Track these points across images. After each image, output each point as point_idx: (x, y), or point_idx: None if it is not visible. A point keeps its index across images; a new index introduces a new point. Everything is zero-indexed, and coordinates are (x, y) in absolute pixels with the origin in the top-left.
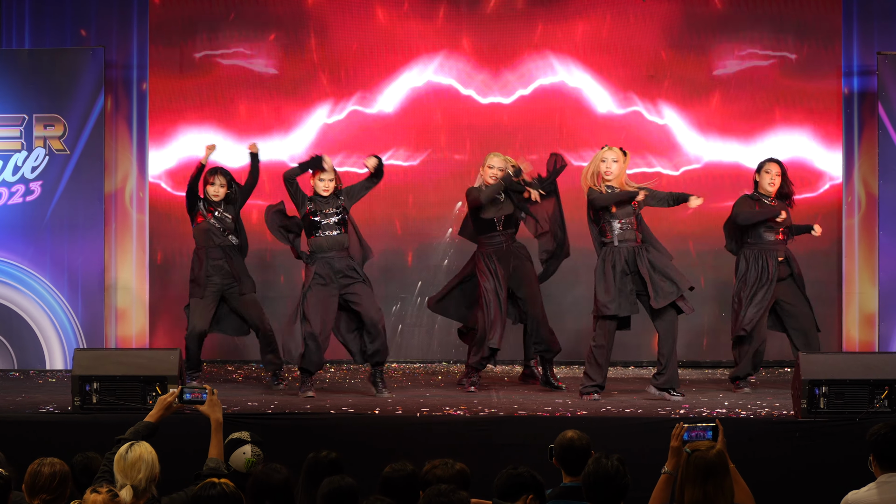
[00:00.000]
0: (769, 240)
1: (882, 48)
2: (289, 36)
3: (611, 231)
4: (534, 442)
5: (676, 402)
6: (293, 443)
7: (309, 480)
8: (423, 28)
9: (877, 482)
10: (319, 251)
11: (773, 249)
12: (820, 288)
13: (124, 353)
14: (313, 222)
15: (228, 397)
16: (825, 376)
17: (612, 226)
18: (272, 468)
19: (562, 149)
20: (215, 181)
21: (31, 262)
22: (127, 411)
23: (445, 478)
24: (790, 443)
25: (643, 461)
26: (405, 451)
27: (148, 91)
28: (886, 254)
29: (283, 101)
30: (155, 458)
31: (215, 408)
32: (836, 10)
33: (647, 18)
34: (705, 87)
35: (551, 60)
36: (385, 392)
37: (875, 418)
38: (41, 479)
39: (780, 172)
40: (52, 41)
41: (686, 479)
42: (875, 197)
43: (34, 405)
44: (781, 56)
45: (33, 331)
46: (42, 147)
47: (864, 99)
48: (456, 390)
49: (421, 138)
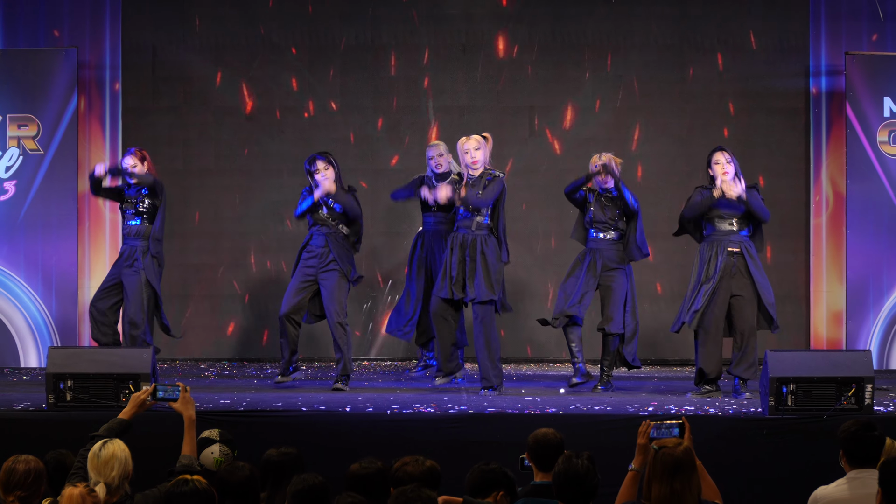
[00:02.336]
0: (721, 230)
1: (850, 48)
2: (258, 36)
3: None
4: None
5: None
6: (265, 440)
7: (270, 476)
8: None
9: (846, 478)
10: None
11: (725, 240)
12: (788, 286)
13: (98, 352)
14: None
15: (201, 395)
16: (793, 374)
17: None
18: (235, 466)
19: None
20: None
21: (5, 261)
22: (100, 408)
23: (416, 475)
24: (758, 440)
25: (611, 458)
26: (376, 449)
27: (121, 91)
28: (854, 252)
29: (253, 98)
30: (128, 456)
31: (188, 405)
32: (805, 11)
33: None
34: (673, 84)
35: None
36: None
37: (842, 415)
38: (16, 476)
39: (729, 159)
40: (25, 41)
41: (653, 476)
42: (843, 196)
43: (8, 402)
44: (750, 55)
45: (7, 329)
46: (16, 147)
47: (832, 99)
48: (427, 388)
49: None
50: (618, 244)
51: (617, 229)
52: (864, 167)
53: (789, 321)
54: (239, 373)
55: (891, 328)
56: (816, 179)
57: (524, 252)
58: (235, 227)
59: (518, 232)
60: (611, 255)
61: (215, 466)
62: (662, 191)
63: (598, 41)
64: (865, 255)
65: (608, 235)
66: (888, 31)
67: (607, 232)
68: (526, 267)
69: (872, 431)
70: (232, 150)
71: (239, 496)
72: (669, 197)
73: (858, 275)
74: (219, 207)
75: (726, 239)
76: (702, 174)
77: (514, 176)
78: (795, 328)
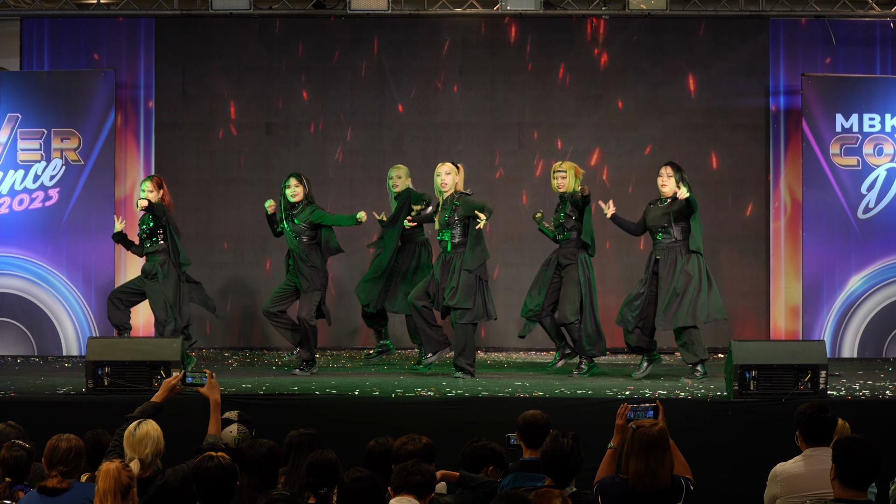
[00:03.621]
0: (655, 240)
1: (805, 70)
2: (277, 58)
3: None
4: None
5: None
6: (282, 421)
7: (291, 453)
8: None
9: (802, 455)
10: None
11: (656, 249)
12: (750, 283)
13: (132, 341)
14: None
15: (225, 380)
16: (755, 361)
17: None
18: (257, 443)
19: None
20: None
21: (50, 261)
22: (135, 392)
23: (415, 451)
24: (724, 421)
25: (591, 437)
26: (381, 428)
27: (154, 108)
28: (809, 253)
29: (273, 117)
30: (160, 435)
31: (214, 389)
32: (765, 36)
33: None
34: (646, 103)
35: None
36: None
37: (800, 399)
38: (58, 452)
39: (670, 174)
40: (68, 64)
41: (630, 452)
42: (799, 202)
43: (52, 387)
44: (716, 77)
45: (51, 321)
46: (59, 158)
47: (789, 116)
48: (428, 373)
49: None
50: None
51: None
52: (819, 177)
53: (751, 314)
54: (259, 360)
55: (842, 321)
56: (775, 188)
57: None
58: (256, 230)
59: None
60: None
61: (234, 444)
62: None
63: (580, 65)
64: (820, 256)
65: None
66: (840, 55)
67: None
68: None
69: (826, 413)
70: (254, 161)
71: (257, 469)
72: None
73: (813, 273)
74: (241, 212)
75: (656, 247)
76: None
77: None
78: (757, 321)
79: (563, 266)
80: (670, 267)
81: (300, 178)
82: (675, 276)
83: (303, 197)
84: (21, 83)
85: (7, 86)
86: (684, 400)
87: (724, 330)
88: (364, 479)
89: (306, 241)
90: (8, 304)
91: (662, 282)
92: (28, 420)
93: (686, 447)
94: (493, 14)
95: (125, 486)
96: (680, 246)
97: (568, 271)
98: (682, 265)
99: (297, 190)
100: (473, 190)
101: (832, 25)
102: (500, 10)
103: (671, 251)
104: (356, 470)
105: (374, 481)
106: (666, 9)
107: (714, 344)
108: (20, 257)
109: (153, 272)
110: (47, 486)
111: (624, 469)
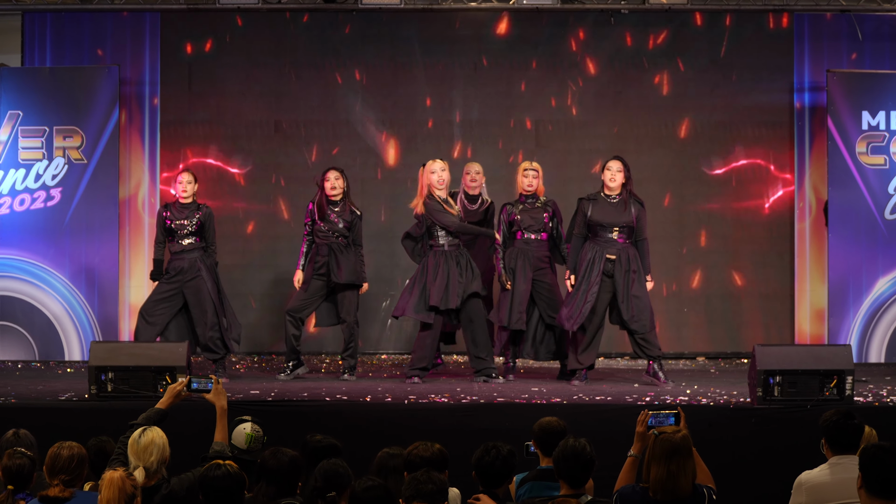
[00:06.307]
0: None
1: (831, 66)
2: (286, 53)
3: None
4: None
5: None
6: (291, 428)
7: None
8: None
9: (828, 463)
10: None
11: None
12: (774, 285)
13: (137, 346)
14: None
15: (232, 386)
16: (779, 367)
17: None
18: (279, 451)
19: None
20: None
21: (52, 262)
22: (139, 399)
23: (427, 457)
24: (747, 428)
25: (611, 445)
26: (394, 435)
27: (159, 106)
28: (835, 254)
29: (281, 115)
30: (166, 442)
31: (220, 396)
32: (789, 32)
33: (602, 34)
34: (666, 99)
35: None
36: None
37: (825, 405)
38: (60, 461)
39: (620, 168)
40: (71, 60)
41: (652, 459)
42: (824, 202)
43: (54, 393)
44: (740, 74)
45: (53, 325)
46: (62, 157)
47: (815, 113)
48: (440, 379)
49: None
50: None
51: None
52: (845, 176)
53: (775, 318)
54: (268, 365)
55: (869, 324)
56: (800, 187)
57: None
58: (265, 230)
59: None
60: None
61: (246, 443)
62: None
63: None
64: (846, 257)
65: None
66: (866, 50)
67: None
68: None
69: (852, 420)
70: (262, 160)
71: (275, 479)
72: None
73: (839, 275)
74: (249, 212)
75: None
76: (695, 177)
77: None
78: (781, 324)
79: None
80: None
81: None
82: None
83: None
84: (22, 80)
85: (8, 82)
86: (706, 406)
87: (748, 334)
88: (375, 489)
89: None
90: (8, 308)
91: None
92: (29, 427)
93: (708, 455)
94: (511, 8)
95: (129, 496)
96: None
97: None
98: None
99: (338, 183)
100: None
101: (858, 20)
102: (517, 5)
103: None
104: (368, 479)
105: (385, 490)
106: (687, 3)
107: (737, 349)
108: (21, 259)
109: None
110: (49, 495)
111: (645, 477)
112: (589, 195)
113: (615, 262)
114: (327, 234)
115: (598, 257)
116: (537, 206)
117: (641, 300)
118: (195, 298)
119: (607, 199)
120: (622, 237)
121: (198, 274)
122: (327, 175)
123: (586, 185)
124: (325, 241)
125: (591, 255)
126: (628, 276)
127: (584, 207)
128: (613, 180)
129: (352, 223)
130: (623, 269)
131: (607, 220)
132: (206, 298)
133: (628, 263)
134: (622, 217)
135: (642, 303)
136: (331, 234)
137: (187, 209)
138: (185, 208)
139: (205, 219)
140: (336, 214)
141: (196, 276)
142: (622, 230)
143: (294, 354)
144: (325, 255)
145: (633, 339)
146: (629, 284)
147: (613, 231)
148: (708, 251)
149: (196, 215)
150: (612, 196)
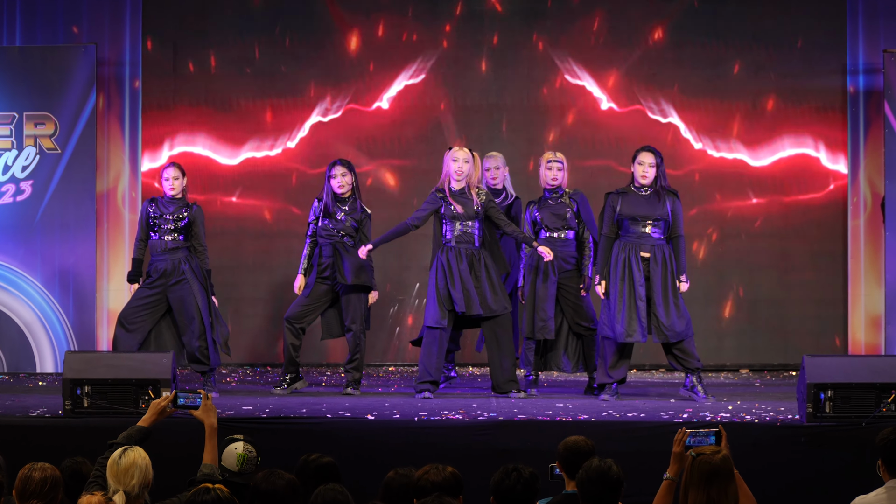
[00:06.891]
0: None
1: (888, 46)
2: (281, 35)
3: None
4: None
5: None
6: (288, 448)
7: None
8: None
9: (885, 487)
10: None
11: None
12: (825, 290)
13: (116, 357)
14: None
15: (222, 401)
16: (831, 380)
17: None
18: (273, 474)
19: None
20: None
21: (22, 264)
22: (119, 415)
23: (438, 482)
24: (796, 448)
25: (645, 466)
26: (402, 457)
27: (140, 89)
28: (893, 254)
29: (276, 98)
30: (149, 464)
31: (210, 412)
32: (842, 8)
33: (650, 15)
34: (709, 85)
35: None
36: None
37: (882, 422)
38: (32, 484)
39: (653, 163)
40: (43, 38)
41: (690, 483)
42: (881, 197)
43: (24, 409)
44: (787, 54)
45: (24, 333)
46: (33, 146)
47: (870, 97)
48: (455, 394)
49: (419, 137)
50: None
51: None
52: None
53: (827, 326)
54: (262, 378)
55: None
56: (854, 180)
57: None
58: (257, 228)
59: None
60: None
61: (238, 464)
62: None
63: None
64: None
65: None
66: None
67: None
68: None
69: None
70: (255, 149)
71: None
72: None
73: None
74: (240, 207)
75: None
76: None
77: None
78: (833, 333)
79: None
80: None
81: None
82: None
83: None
84: None
85: None
86: (750, 424)
87: (797, 344)
88: None
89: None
90: None
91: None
92: None
93: (752, 478)
94: None
95: None
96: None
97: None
98: None
99: (345, 180)
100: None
101: None
102: None
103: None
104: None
105: None
106: None
107: (785, 360)
108: None
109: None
110: None
111: (682, 501)
112: (617, 189)
113: (649, 260)
114: (332, 232)
115: (634, 256)
116: (561, 200)
117: (678, 306)
118: (180, 305)
119: (638, 191)
120: (657, 231)
121: (182, 277)
122: (333, 171)
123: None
124: (329, 241)
125: (624, 256)
126: (665, 279)
127: (613, 202)
128: (645, 177)
129: (361, 222)
130: (658, 269)
131: (640, 213)
132: (191, 304)
133: (664, 263)
134: (656, 210)
135: (679, 309)
136: (336, 233)
137: (174, 204)
138: (172, 203)
139: (193, 218)
140: (345, 213)
141: (180, 280)
142: (656, 224)
143: (292, 367)
144: (329, 256)
145: (669, 349)
146: (666, 288)
147: (647, 225)
148: (751, 251)
149: (184, 212)
150: (643, 188)
